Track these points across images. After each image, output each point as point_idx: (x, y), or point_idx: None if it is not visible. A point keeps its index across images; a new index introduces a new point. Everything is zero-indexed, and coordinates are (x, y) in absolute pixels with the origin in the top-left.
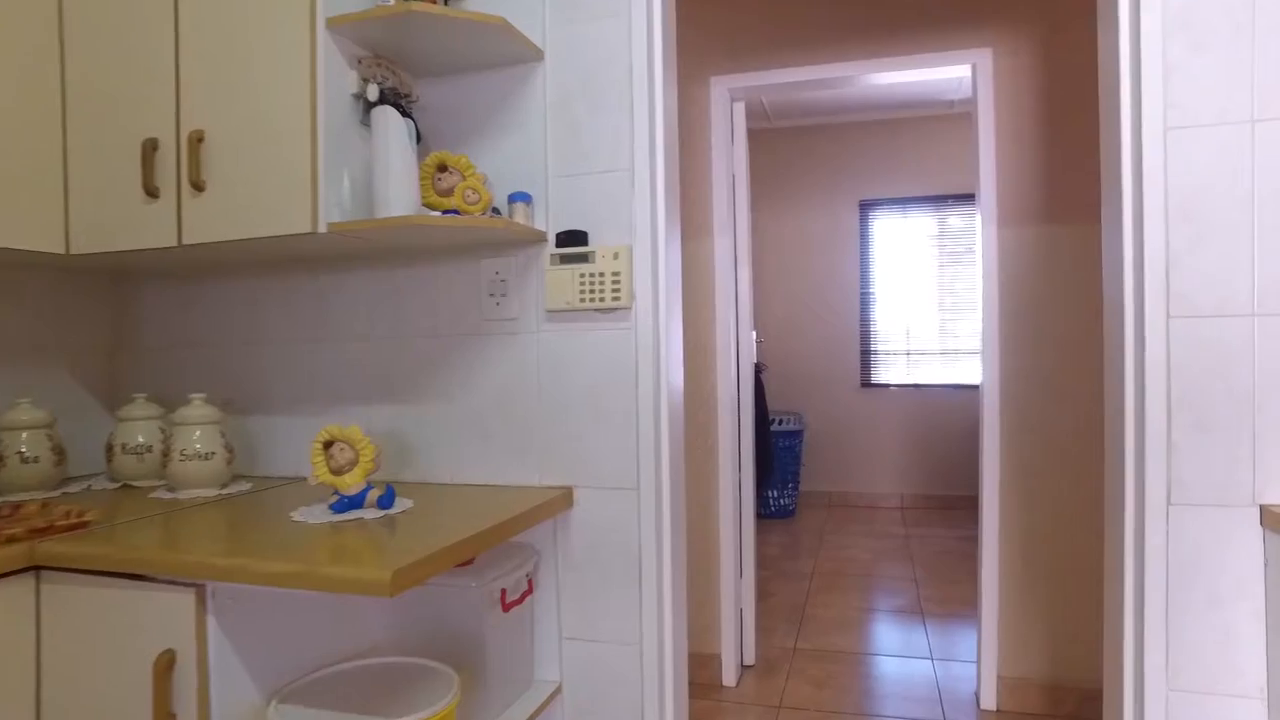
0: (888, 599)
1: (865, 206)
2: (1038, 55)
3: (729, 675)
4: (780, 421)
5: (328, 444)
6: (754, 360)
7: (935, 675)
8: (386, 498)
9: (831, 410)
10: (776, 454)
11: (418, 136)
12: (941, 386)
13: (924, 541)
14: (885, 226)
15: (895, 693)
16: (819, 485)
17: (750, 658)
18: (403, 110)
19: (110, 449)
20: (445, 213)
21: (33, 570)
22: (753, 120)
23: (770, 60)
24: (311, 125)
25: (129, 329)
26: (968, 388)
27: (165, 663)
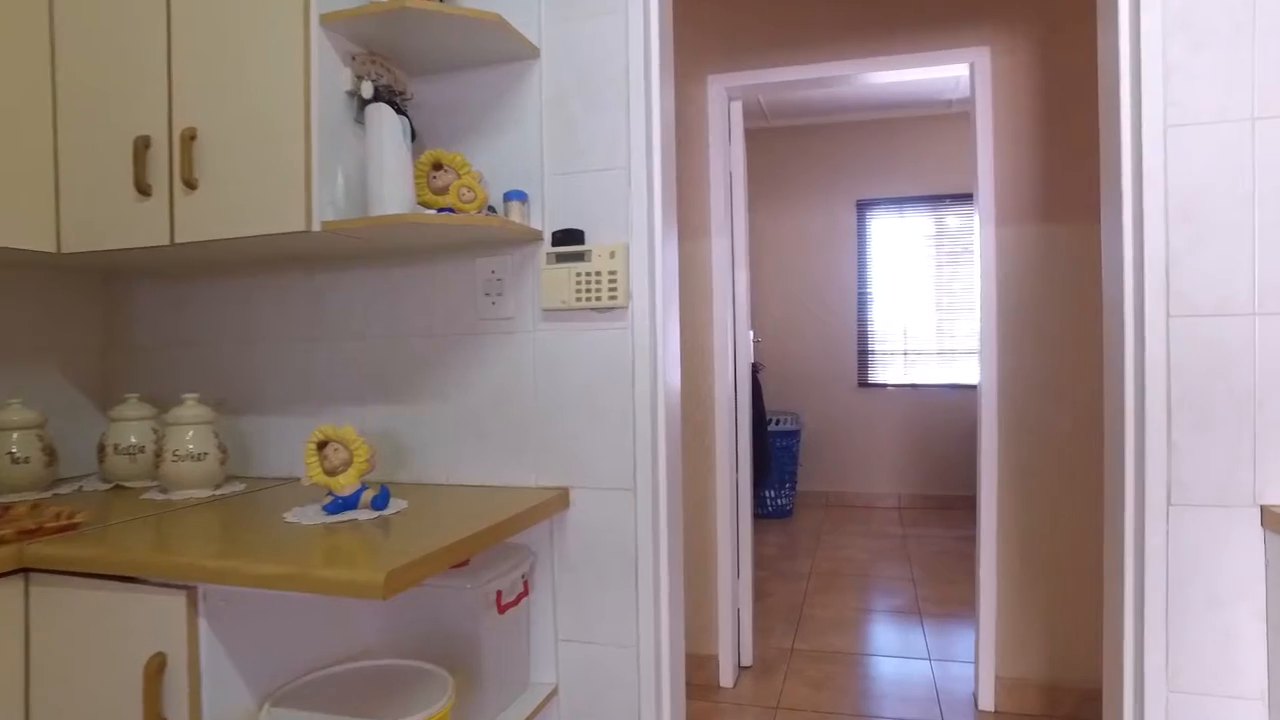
0: (885, 599)
1: (863, 206)
2: (1036, 54)
3: (726, 676)
4: (777, 421)
5: (322, 444)
6: (751, 360)
7: (933, 676)
8: (381, 499)
9: (829, 410)
10: (774, 454)
11: (412, 134)
12: (939, 386)
13: (921, 541)
14: (883, 226)
15: (893, 693)
16: (816, 485)
17: (748, 658)
18: (397, 108)
19: (102, 449)
20: (440, 211)
21: (22, 572)
22: (750, 120)
23: (767, 59)
24: (305, 123)
25: (121, 328)
26: (965, 388)
27: (156, 666)
